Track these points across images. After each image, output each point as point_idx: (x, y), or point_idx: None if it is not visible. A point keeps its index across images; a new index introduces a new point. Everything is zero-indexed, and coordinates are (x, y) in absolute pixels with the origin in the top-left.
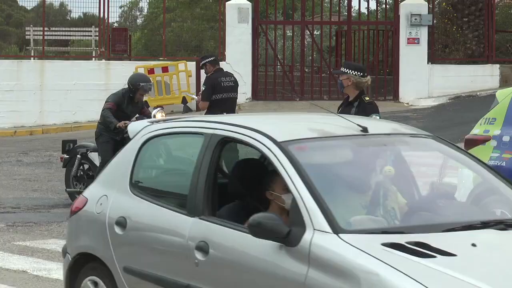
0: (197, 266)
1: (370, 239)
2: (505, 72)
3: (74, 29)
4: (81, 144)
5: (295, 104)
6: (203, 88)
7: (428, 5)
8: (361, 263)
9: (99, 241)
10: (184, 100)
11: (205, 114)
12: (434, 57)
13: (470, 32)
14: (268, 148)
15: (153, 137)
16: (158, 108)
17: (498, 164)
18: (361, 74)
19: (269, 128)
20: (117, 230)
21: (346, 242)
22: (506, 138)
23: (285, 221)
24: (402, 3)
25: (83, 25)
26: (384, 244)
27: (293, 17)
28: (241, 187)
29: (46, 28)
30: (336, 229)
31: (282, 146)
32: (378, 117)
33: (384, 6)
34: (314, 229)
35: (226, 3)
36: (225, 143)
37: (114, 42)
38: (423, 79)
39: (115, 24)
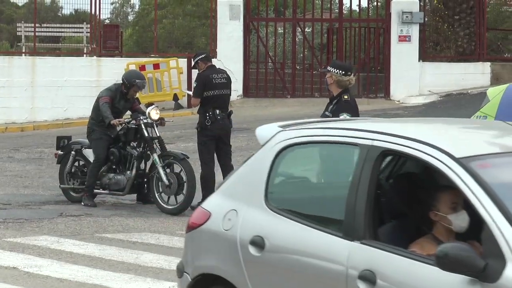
0: None
1: None
2: (496, 70)
3: (65, 25)
4: (76, 140)
5: (286, 101)
6: (195, 85)
7: (420, 3)
8: None
9: (229, 262)
10: (176, 97)
11: (197, 111)
12: (425, 54)
13: (461, 30)
14: (446, 165)
15: (290, 145)
16: (153, 106)
17: None
18: (343, 72)
19: (442, 141)
20: (252, 250)
21: None
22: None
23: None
24: (393, 0)
25: (75, 21)
26: None
27: (284, 14)
28: (402, 206)
29: (37, 25)
30: None
31: (463, 163)
32: (347, 116)
33: (375, 3)
34: None
35: (218, 0)
36: (386, 156)
37: (106, 39)
38: (414, 77)
39: (107, 21)
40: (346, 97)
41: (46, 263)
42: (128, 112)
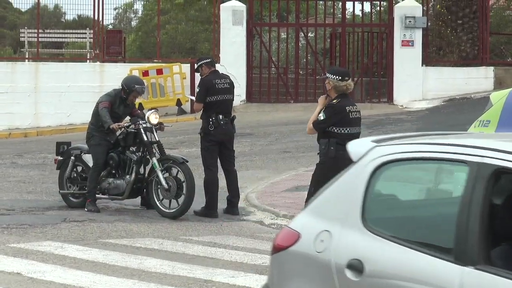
0: None
1: None
2: (499, 74)
3: (68, 31)
4: (75, 146)
5: (289, 106)
6: (197, 90)
7: (423, 8)
8: None
9: (322, 286)
10: (179, 102)
11: (201, 116)
12: (428, 59)
13: (464, 34)
14: None
15: (388, 161)
16: (152, 110)
17: None
18: (340, 78)
19: None
20: (349, 275)
21: None
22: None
23: None
24: (396, 5)
25: (78, 27)
26: None
27: (287, 19)
28: None
29: (40, 30)
30: None
31: None
32: (322, 116)
33: (378, 8)
34: None
35: (221, 5)
36: (500, 175)
37: (109, 44)
38: (417, 82)
39: (110, 26)
40: (335, 101)
41: (50, 269)
42: (128, 118)
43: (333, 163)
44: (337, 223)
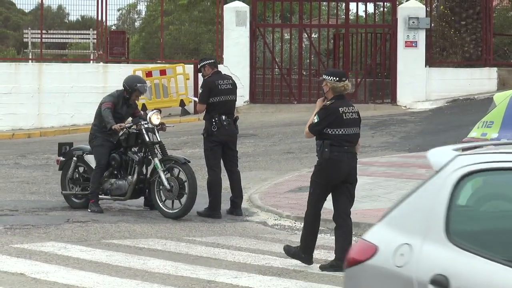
0: None
1: None
2: (502, 75)
3: (72, 32)
4: (77, 146)
5: (292, 107)
6: (200, 91)
7: (426, 9)
8: None
9: None
10: (182, 103)
11: (204, 117)
12: (432, 60)
13: (467, 35)
14: None
15: (473, 172)
16: (154, 110)
17: None
18: (337, 79)
19: None
20: None
21: None
22: (503, 142)
23: None
24: (400, 6)
25: (81, 28)
26: None
27: (290, 20)
28: None
29: (44, 31)
30: None
31: None
32: (316, 119)
33: (382, 9)
34: None
35: (224, 6)
36: None
37: (112, 45)
38: (420, 82)
39: (113, 27)
40: (328, 102)
41: (53, 269)
42: (130, 118)
43: (329, 164)
44: (418, 236)
